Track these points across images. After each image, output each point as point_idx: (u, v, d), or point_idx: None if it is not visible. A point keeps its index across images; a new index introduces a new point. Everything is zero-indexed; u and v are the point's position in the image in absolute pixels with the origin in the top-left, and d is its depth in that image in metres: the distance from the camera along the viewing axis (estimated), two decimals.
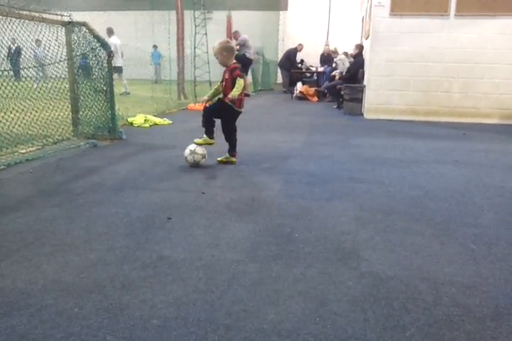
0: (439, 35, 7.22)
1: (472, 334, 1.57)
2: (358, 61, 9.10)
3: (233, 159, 4.14)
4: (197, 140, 4.03)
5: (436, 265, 2.10)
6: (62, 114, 4.82)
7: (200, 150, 3.97)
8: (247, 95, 4.33)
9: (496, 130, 6.65)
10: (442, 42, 7.22)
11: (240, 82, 3.86)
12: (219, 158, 4.16)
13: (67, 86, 4.90)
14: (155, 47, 14.26)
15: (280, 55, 14.87)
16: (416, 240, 2.39)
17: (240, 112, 4.09)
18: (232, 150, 4.15)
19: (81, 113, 4.99)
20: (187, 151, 3.96)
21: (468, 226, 2.62)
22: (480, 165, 4.23)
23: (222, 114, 4.04)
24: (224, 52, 3.94)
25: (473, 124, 7.16)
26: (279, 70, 14.51)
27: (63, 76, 4.79)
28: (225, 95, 3.97)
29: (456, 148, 5.09)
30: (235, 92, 3.82)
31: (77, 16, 4.86)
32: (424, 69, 7.36)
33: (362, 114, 7.99)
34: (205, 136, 4.04)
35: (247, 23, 14.66)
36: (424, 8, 7.16)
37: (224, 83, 4.02)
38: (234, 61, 4.03)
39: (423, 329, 1.59)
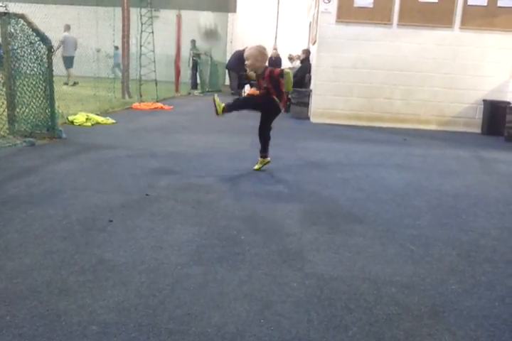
0: (382, 43, 7.49)
1: (410, 331, 1.62)
2: (305, 66, 9.27)
3: (267, 159, 4.01)
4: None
5: (377, 265, 2.15)
6: None
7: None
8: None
9: (434, 136, 6.98)
10: (385, 51, 7.50)
11: (288, 75, 3.62)
12: (255, 167, 3.97)
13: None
14: (116, 47, 13.97)
15: (228, 57, 14.87)
16: (358, 241, 2.45)
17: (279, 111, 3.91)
18: (263, 151, 3.99)
19: (18, 110, 4.74)
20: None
21: (408, 227, 2.71)
22: (419, 169, 4.41)
23: (267, 110, 3.88)
24: (259, 56, 3.74)
25: (414, 130, 7.47)
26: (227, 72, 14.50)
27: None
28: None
29: (397, 153, 5.29)
30: (288, 85, 3.67)
31: (16, 8, 4.62)
32: (368, 76, 7.61)
33: (308, 118, 8.14)
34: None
35: (196, 24, 14.56)
36: (369, 17, 7.41)
37: (263, 91, 3.76)
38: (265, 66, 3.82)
39: (364, 329, 1.62)
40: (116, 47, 14.27)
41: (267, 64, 3.89)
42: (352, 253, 2.29)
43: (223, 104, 3.74)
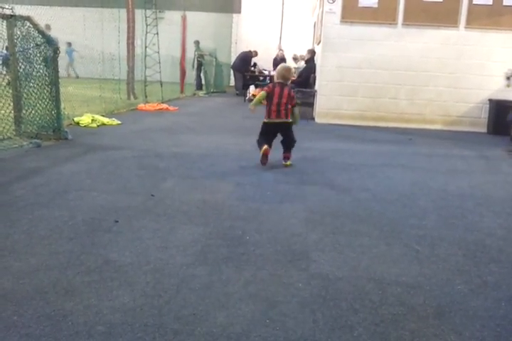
0: (387, 43, 7.46)
1: (416, 332, 1.62)
2: (309, 66, 9.24)
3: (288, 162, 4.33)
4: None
5: (382, 265, 2.15)
6: (3, 111, 4.59)
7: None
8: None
9: (440, 135, 6.95)
10: (390, 50, 7.47)
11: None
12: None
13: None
14: (69, 44, 13.81)
15: (233, 58, 14.87)
16: (363, 241, 2.45)
17: (266, 123, 4.26)
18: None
19: (24, 111, 4.76)
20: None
21: (413, 227, 2.70)
22: (424, 169, 4.39)
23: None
24: (277, 73, 4.31)
25: (419, 130, 7.44)
26: (231, 73, 14.51)
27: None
28: None
29: (403, 153, 5.27)
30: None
31: (22, 10, 4.64)
32: (373, 76, 7.58)
33: (313, 118, 8.12)
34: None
35: (201, 25, 14.58)
36: (373, 17, 7.39)
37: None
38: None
39: (370, 329, 1.62)
40: (69, 44, 14.00)
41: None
42: (357, 253, 2.28)
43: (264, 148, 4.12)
